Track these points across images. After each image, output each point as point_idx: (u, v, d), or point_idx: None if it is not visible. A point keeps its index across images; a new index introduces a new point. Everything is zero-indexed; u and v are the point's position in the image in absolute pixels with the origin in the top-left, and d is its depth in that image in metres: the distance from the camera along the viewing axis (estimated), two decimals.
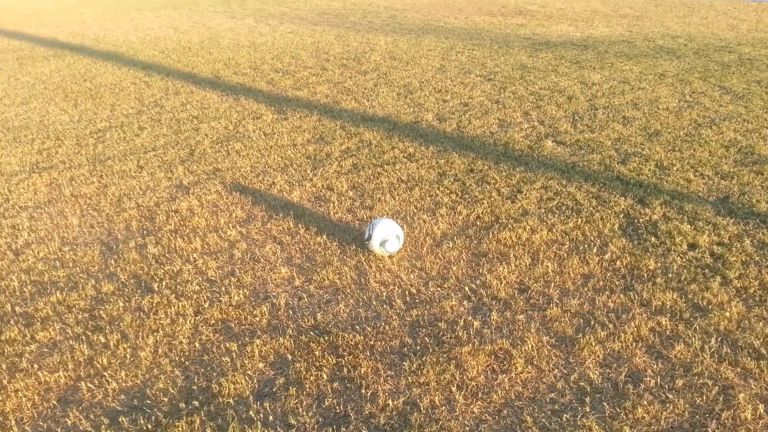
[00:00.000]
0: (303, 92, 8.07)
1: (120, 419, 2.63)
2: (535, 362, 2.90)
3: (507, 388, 2.75)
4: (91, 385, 2.83)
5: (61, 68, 10.11)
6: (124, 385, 2.85)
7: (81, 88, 8.67)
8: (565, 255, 3.81)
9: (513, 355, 2.93)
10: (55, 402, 2.76)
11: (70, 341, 3.16)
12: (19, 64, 10.53)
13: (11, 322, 3.33)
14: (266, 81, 8.75)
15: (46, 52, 11.61)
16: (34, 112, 7.54)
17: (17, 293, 3.62)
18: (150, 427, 2.59)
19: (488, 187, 4.86)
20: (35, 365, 2.98)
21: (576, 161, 5.32)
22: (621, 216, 4.28)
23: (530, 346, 2.99)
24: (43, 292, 3.61)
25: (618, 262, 3.70)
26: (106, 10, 18.22)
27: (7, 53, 11.67)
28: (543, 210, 4.42)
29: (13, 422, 2.64)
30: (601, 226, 4.14)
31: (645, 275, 3.56)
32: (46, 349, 3.11)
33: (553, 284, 3.52)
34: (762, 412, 2.57)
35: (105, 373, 2.91)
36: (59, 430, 2.59)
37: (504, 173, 5.11)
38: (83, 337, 3.19)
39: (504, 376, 2.82)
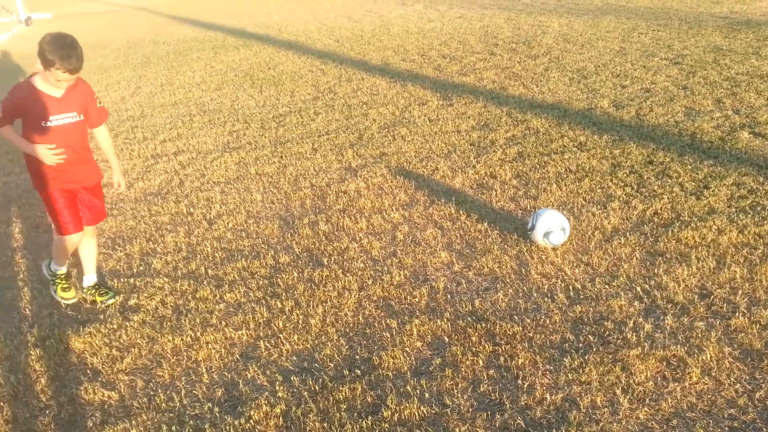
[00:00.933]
0: (469, 78, 8.04)
1: (292, 378, 2.88)
2: (714, 374, 2.64)
3: (679, 397, 2.54)
4: (268, 345, 3.13)
5: (249, 57, 11.11)
6: (296, 347, 3.10)
7: (266, 76, 9.47)
8: (758, 260, 3.40)
9: (688, 364, 2.70)
10: (237, 356, 3.09)
11: (252, 304, 3.51)
12: (213, 53, 11.77)
13: (204, 282, 3.78)
14: (433, 67, 8.85)
15: (236, 42, 12.83)
16: (226, 97, 8.39)
17: (210, 258, 4.09)
18: (317, 388, 2.80)
19: (669, 181, 4.47)
20: (223, 322, 3.36)
21: None
22: None
23: (709, 356, 2.73)
24: (230, 259, 4.05)
25: None
26: (288, 0, 19.62)
27: (205, 43, 13.10)
28: (734, 209, 3.98)
29: (204, 370, 3.01)
30: None
31: None
32: (232, 309, 3.49)
33: (740, 291, 3.16)
34: None
35: (280, 335, 3.20)
36: (240, 381, 2.90)
37: (689, 167, 4.67)
38: (263, 301, 3.52)
39: (676, 384, 2.60)
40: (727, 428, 2.38)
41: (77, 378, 3.03)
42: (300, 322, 3.30)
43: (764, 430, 2.35)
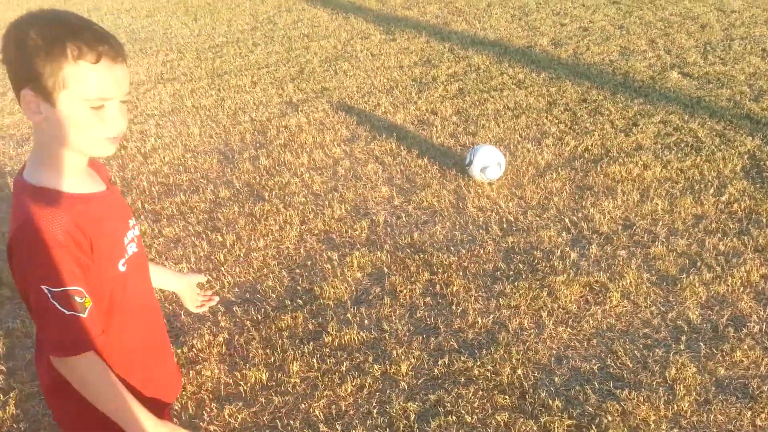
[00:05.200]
0: (413, 12, 7.91)
1: (234, 309, 2.93)
2: (632, 297, 2.86)
3: (599, 319, 2.75)
4: (209, 277, 3.15)
5: None
6: (238, 280, 3.13)
7: (200, 3, 9.01)
8: (678, 194, 3.63)
9: (609, 289, 2.90)
10: None
11: (192, 238, 3.49)
12: None
13: (141, 217, 3.71)
14: None
15: None
16: (158, 25, 7.97)
17: (146, 192, 4.00)
18: (259, 317, 2.86)
19: (601, 118, 4.63)
20: (163, 256, 3.34)
21: (702, 95, 4.92)
22: (745, 157, 3.97)
23: (629, 281, 2.94)
24: (168, 193, 3.97)
25: (735, 205, 3.48)
26: None
27: None
28: (659, 145, 4.18)
29: None
30: (721, 166, 3.87)
31: (764, 220, 3.33)
32: (171, 243, 3.46)
33: (661, 222, 3.38)
34: None
35: (222, 268, 3.21)
36: (182, 313, 2.92)
37: (620, 105, 4.84)
38: (203, 235, 3.51)
39: (597, 307, 2.81)
40: (641, 345, 2.61)
41: None
42: (242, 255, 3.31)
43: (673, 346, 2.59)
